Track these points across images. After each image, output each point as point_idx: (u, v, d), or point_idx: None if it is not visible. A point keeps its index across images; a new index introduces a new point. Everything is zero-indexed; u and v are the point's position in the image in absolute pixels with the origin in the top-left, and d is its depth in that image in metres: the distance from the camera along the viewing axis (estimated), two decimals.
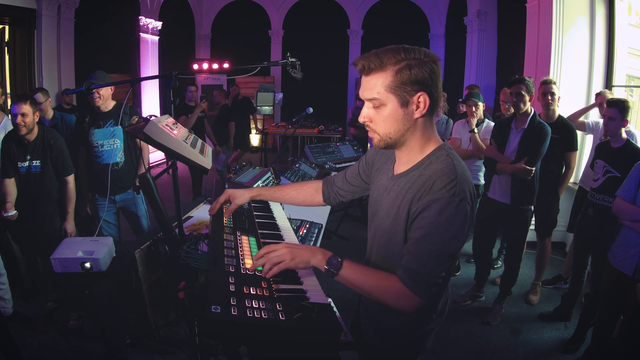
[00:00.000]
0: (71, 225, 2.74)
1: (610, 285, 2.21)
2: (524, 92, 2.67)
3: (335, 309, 1.12)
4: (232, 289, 0.97)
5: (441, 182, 1.00)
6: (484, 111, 3.51)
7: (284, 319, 0.91)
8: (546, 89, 2.92)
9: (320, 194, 1.46)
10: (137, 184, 1.49)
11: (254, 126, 7.67)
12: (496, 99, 5.77)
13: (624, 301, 2.09)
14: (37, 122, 2.61)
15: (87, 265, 1.85)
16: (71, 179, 2.72)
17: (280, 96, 8.57)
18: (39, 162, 2.63)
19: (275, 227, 1.55)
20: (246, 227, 1.41)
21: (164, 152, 1.52)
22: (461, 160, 1.08)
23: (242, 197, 1.43)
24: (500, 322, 2.89)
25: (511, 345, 2.67)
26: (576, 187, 3.39)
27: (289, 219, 1.77)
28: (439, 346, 2.58)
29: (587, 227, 2.63)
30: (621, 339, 2.07)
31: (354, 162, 1.56)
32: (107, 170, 2.55)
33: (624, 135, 2.48)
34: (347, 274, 1.04)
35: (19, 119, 2.50)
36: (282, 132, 6.96)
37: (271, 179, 2.72)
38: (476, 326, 2.86)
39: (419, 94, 1.00)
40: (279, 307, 0.95)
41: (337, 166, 3.76)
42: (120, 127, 2.71)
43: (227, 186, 1.70)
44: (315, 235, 2.19)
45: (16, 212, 2.61)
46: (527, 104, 2.70)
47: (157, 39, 7.69)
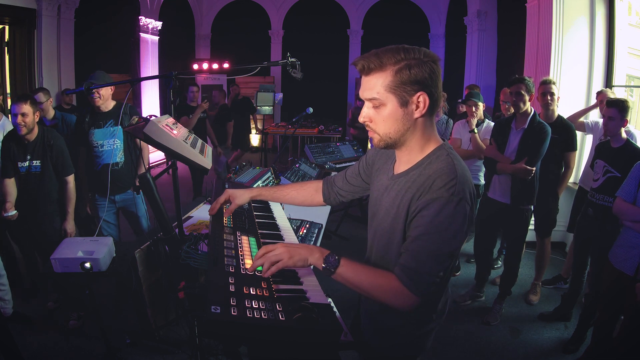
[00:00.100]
0: (71, 225, 2.74)
1: (610, 285, 2.21)
2: (523, 92, 2.67)
3: (335, 309, 1.12)
4: (232, 289, 0.97)
5: (441, 181, 1.00)
6: (484, 111, 3.51)
7: (283, 319, 0.92)
8: (545, 89, 2.92)
9: (320, 194, 1.46)
10: (137, 184, 1.49)
11: (254, 126, 7.67)
12: (496, 99, 5.77)
13: (624, 301, 2.09)
14: (37, 122, 2.61)
15: (87, 265, 1.85)
16: (71, 179, 2.73)
17: (280, 96, 8.57)
18: (39, 162, 2.63)
19: (275, 227, 1.55)
20: (246, 227, 1.41)
21: (164, 152, 1.52)
22: (461, 160, 1.08)
23: (242, 197, 1.43)
24: (500, 322, 2.89)
25: (511, 345, 2.67)
26: (576, 187, 3.39)
27: (289, 219, 1.77)
28: (439, 346, 2.58)
29: (587, 227, 2.63)
30: (621, 339, 2.07)
31: (354, 162, 1.56)
32: (107, 170, 2.55)
33: (624, 135, 2.48)
34: (345, 272, 1.04)
35: (19, 119, 2.50)
36: (282, 132, 6.96)
37: (271, 179, 2.72)
38: (476, 326, 2.86)
39: (418, 94, 1.00)
40: (279, 307, 0.95)
41: (337, 166, 3.75)
42: (120, 127, 2.71)
43: (227, 186, 1.70)
44: (315, 235, 2.19)
45: (16, 212, 2.61)
46: (527, 104, 2.70)
47: (157, 39, 7.69)
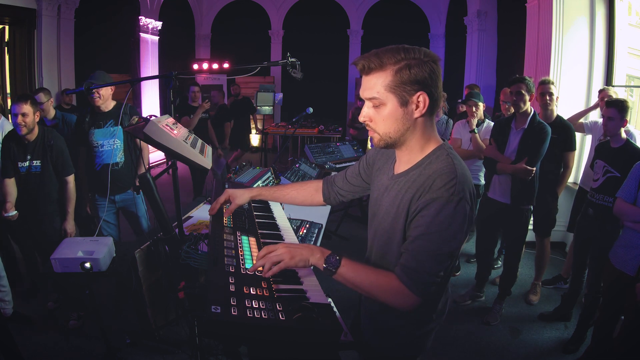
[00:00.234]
0: (71, 225, 2.74)
1: (610, 285, 2.21)
2: (524, 92, 2.67)
3: (335, 309, 1.12)
4: (232, 289, 0.97)
5: (441, 181, 1.00)
6: (484, 111, 3.51)
7: (284, 319, 0.91)
8: (544, 89, 2.92)
9: (320, 193, 1.46)
10: (137, 184, 1.49)
11: (254, 126, 7.67)
12: (496, 99, 5.77)
13: (624, 301, 2.09)
14: (37, 122, 2.61)
15: (87, 265, 1.85)
16: (71, 179, 2.73)
17: (280, 96, 8.57)
18: (39, 162, 2.63)
19: (275, 227, 1.55)
20: (246, 227, 1.41)
21: (164, 152, 1.52)
22: (461, 160, 1.08)
23: (242, 197, 1.43)
24: (500, 322, 2.89)
25: (511, 345, 2.67)
26: (576, 187, 3.39)
27: (289, 219, 1.77)
28: (439, 346, 2.58)
29: (587, 227, 2.63)
30: (621, 339, 2.07)
31: (354, 162, 1.56)
32: (107, 170, 2.55)
33: (624, 135, 2.48)
34: (346, 272, 1.05)
35: (20, 119, 2.50)
36: (282, 132, 6.95)
37: (271, 179, 2.72)
38: (476, 326, 2.86)
39: (418, 94, 1.00)
40: (279, 307, 0.95)
41: (337, 166, 3.75)
42: (120, 127, 2.71)
43: (227, 186, 1.70)
44: (315, 235, 2.18)
45: (16, 212, 2.61)
46: (527, 104, 2.69)
47: (157, 39, 7.69)
